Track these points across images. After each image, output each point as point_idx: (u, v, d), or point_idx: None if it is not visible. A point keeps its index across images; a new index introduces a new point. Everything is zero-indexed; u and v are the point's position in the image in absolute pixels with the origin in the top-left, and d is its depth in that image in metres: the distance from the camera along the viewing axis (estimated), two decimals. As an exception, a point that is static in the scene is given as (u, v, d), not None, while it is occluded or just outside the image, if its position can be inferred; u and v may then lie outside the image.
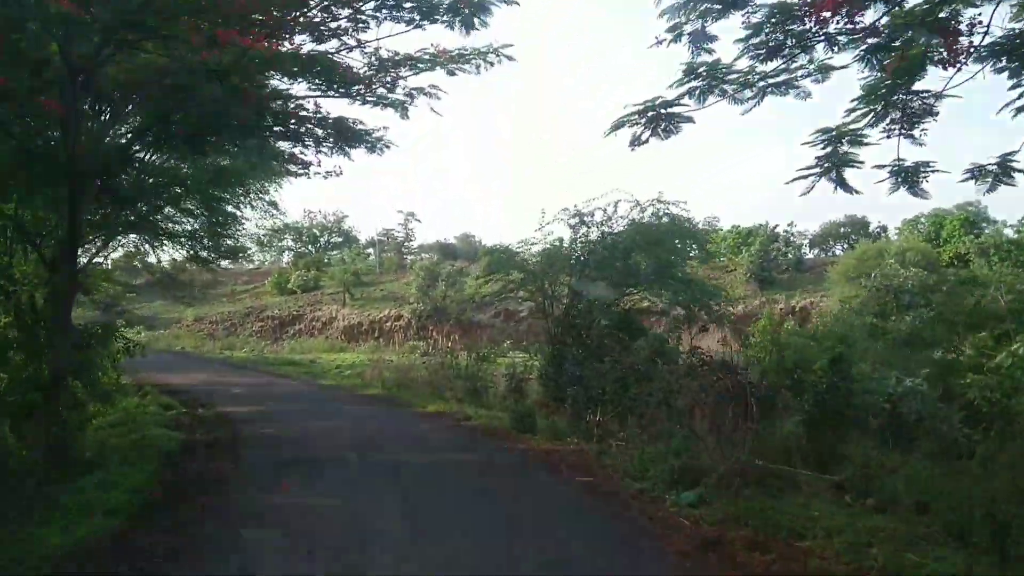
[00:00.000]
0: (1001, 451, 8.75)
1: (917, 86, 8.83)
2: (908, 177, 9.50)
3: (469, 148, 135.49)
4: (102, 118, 13.73)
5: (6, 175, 12.23)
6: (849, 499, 8.42)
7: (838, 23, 7.80)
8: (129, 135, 14.17)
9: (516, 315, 54.32)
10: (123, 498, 9.48)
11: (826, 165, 9.72)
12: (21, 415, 12.84)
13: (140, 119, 14.10)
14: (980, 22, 7.70)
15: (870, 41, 8.33)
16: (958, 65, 7.90)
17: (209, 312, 61.36)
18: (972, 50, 7.90)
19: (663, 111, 8.79)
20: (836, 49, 8.57)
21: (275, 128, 13.62)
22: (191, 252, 26.80)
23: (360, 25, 11.58)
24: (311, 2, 11.26)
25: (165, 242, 26.59)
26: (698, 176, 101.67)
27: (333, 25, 11.62)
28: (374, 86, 12.55)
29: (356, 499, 9.06)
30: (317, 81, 12.49)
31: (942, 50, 7.86)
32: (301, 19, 11.27)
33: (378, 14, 11.40)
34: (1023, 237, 43.41)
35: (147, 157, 14.65)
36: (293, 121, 13.39)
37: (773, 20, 8.15)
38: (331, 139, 13.89)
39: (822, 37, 8.37)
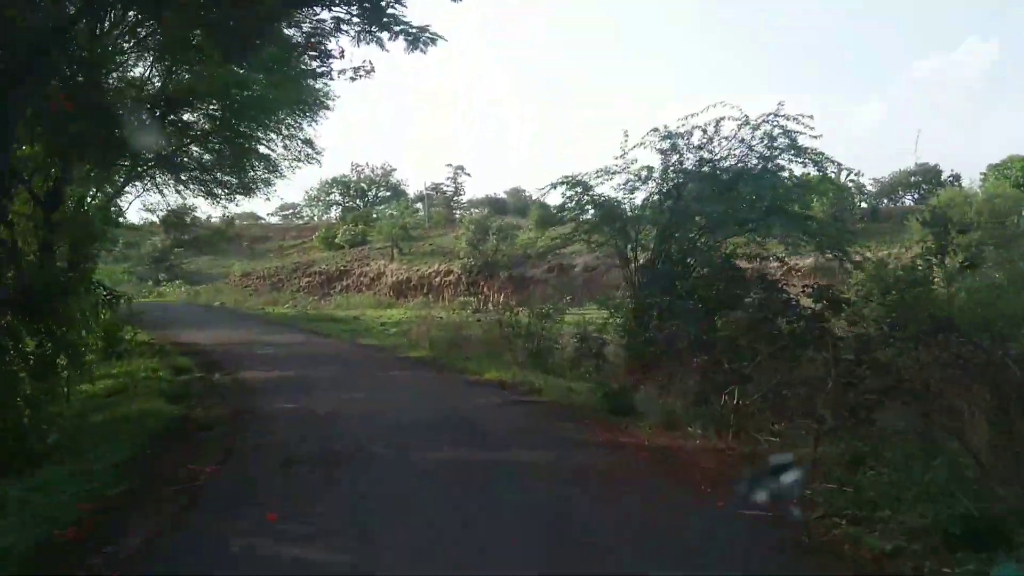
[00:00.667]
0: None
1: None
2: None
3: (521, 98, 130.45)
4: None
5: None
6: None
7: None
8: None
9: (570, 270, 50.68)
10: (26, 534, 5.70)
11: None
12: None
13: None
14: None
15: None
16: None
17: (257, 267, 58.83)
18: None
19: None
20: None
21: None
22: (206, 188, 23.25)
23: None
24: None
25: (183, 179, 23.16)
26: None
27: None
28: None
29: (383, 554, 5.08)
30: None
31: None
32: None
33: None
34: None
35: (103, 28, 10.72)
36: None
37: None
38: (359, 14, 9.72)
39: None
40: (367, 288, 51.48)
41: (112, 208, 25.73)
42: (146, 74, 16.48)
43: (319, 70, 13.24)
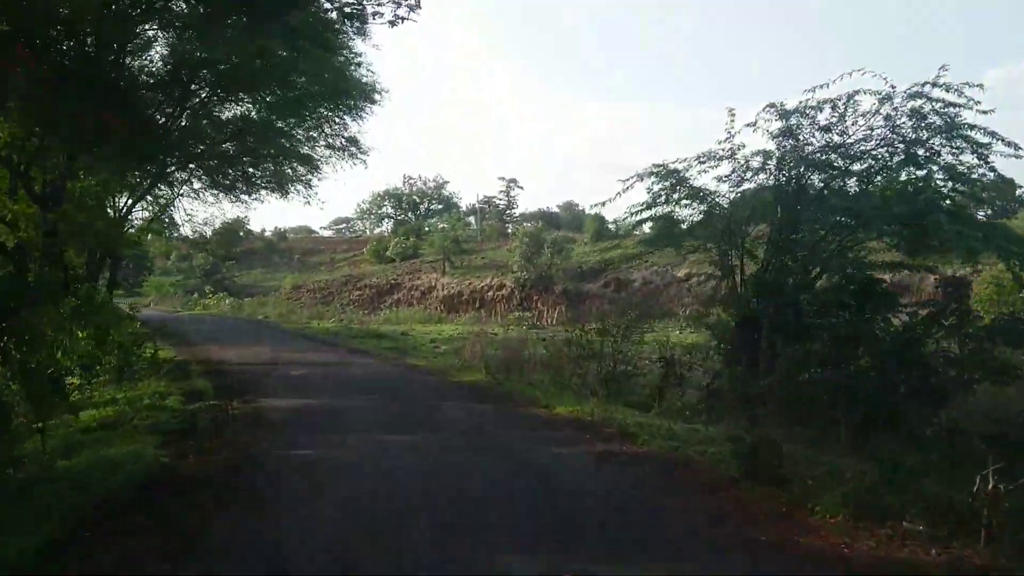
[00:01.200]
0: None
1: None
2: None
3: (574, 114, 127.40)
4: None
5: None
6: None
7: None
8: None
9: (627, 285, 47.33)
10: None
11: None
12: None
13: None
14: None
15: None
16: None
17: (307, 280, 56.81)
18: None
19: None
20: None
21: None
22: (234, 185, 20.56)
23: None
24: None
25: (216, 179, 20.54)
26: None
27: None
28: None
29: None
30: None
31: None
32: None
33: None
34: None
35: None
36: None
37: None
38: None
39: None
40: (417, 302, 49.02)
41: (155, 221, 23.38)
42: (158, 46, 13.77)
43: (356, 27, 10.44)
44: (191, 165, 19.59)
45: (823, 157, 11.50)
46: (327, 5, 9.39)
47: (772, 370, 11.12)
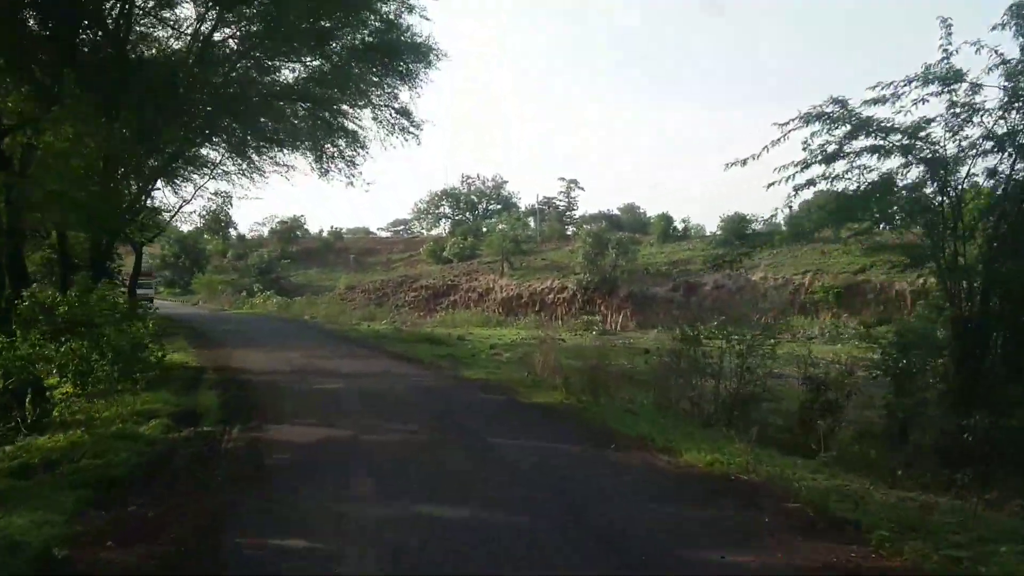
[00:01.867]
0: None
1: None
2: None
3: (639, 112, 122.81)
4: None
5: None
6: None
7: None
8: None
9: (698, 288, 42.98)
10: None
11: None
12: None
13: None
14: None
15: None
16: None
17: (362, 280, 53.98)
18: None
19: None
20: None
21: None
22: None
23: None
24: None
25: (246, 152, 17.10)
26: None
27: None
28: None
29: None
30: None
31: None
32: None
33: None
34: None
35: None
36: None
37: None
38: None
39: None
40: (475, 304, 45.76)
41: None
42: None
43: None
44: (214, 139, 16.16)
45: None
46: None
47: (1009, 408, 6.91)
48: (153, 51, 14.05)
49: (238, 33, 14.19)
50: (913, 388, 8.41)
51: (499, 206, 66.00)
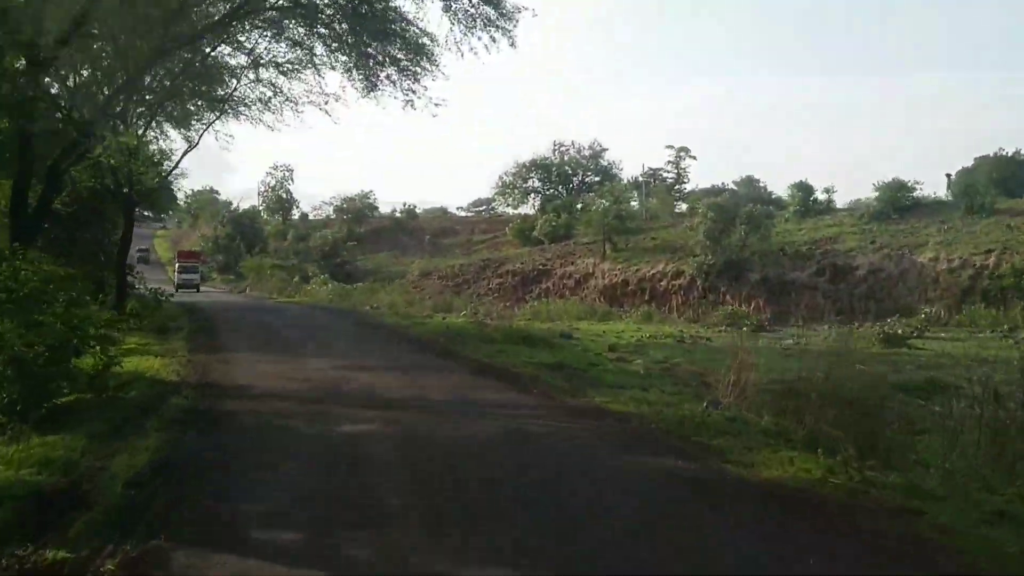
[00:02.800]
0: None
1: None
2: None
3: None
4: None
5: None
6: None
7: None
8: None
9: (848, 273, 37.00)
10: None
11: None
12: None
13: None
14: None
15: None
16: None
17: (440, 265, 50.10)
18: None
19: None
20: None
21: None
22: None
23: None
24: None
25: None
26: None
27: None
28: None
29: None
30: None
31: None
32: None
33: None
34: None
35: None
36: None
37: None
38: None
39: None
40: (571, 292, 41.84)
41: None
42: None
43: None
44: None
45: None
46: None
47: None
48: None
49: None
50: None
51: (597, 178, 60.89)
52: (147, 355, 12.46)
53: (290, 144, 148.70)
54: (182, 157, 21.31)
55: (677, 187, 61.04)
